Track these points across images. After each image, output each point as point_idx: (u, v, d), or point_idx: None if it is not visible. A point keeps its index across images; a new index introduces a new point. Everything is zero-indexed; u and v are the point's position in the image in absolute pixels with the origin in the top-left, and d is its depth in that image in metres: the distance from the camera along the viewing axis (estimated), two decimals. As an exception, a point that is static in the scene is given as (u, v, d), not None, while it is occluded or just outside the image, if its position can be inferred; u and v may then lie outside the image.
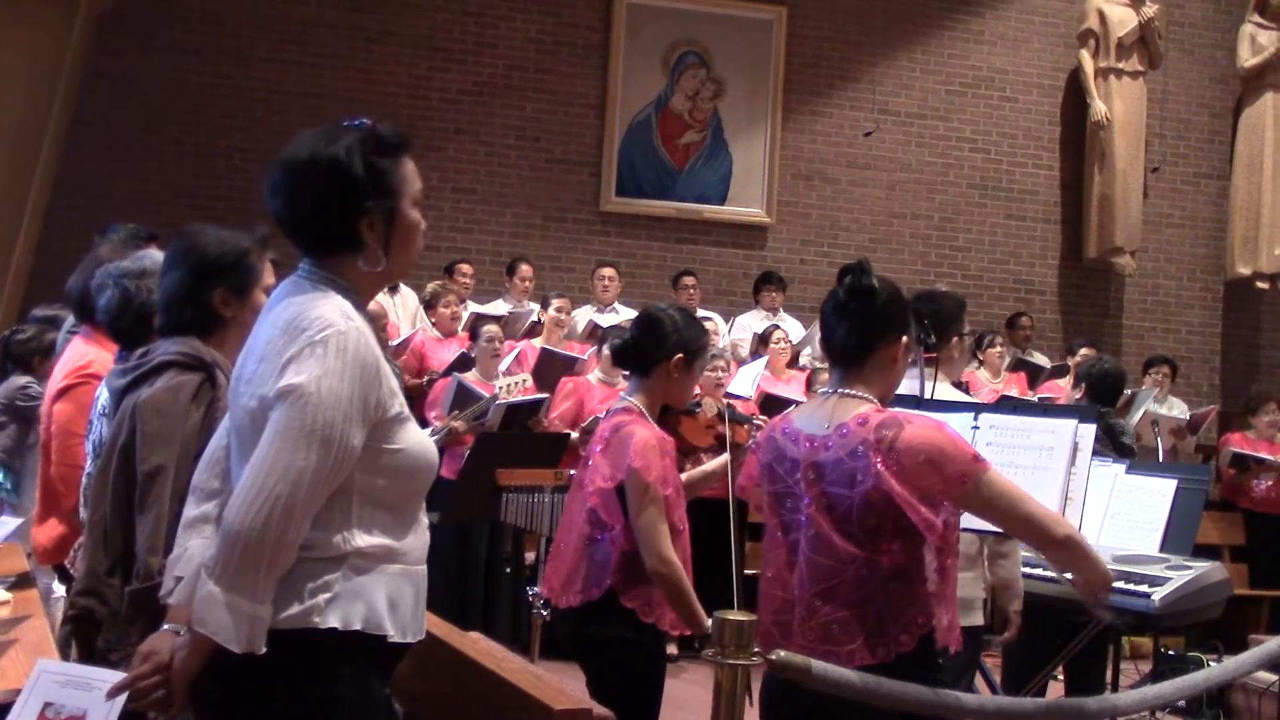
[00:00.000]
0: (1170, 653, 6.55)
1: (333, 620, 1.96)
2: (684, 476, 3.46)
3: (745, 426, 5.60)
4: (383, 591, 2.02)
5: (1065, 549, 2.53)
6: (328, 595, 1.97)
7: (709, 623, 3.05)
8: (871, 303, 2.62)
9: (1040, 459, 3.13)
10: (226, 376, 2.51)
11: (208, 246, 2.71)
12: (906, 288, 2.90)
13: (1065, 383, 8.29)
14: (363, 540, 2.01)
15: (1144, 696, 2.67)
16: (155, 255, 3.05)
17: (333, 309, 2.01)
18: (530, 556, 6.24)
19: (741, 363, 7.87)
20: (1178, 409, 8.75)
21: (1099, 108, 10.10)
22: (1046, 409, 3.47)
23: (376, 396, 2.01)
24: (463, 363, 6.73)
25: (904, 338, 2.67)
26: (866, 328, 2.63)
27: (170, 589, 2.15)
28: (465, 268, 8.53)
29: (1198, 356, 10.75)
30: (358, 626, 1.98)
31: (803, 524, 2.58)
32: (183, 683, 1.97)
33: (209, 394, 2.64)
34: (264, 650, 1.91)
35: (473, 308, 7.93)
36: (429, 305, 7.69)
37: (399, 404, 2.06)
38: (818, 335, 8.82)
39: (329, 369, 1.94)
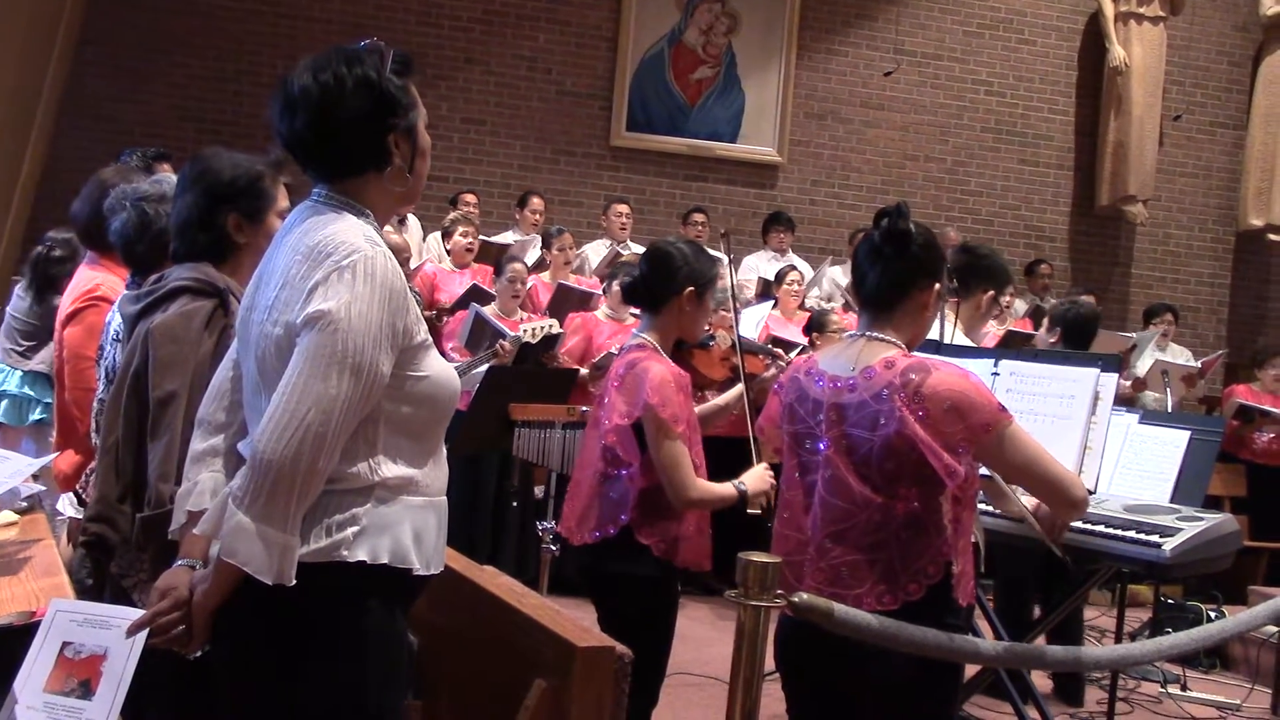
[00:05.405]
0: (1170, 601, 6.59)
1: (361, 553, 1.94)
2: (697, 410, 3.43)
3: (760, 355, 5.55)
4: (408, 524, 1.99)
5: (1077, 510, 2.57)
6: (355, 528, 1.94)
7: (736, 487, 3.21)
8: (907, 247, 2.58)
9: (1061, 407, 3.10)
10: (239, 302, 2.47)
11: (221, 170, 2.66)
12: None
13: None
14: (388, 470, 1.98)
15: (1159, 646, 2.67)
16: (173, 179, 2.98)
17: (356, 233, 1.97)
18: (538, 491, 6.24)
19: (746, 304, 7.79)
20: (1182, 357, 8.71)
21: (1117, 53, 9.95)
22: (1068, 357, 3.43)
23: (404, 322, 1.97)
24: (475, 295, 6.68)
25: (936, 285, 2.64)
26: (900, 272, 2.59)
27: (180, 524, 2.12)
28: (469, 197, 8.45)
29: (1205, 307, 10.70)
30: (385, 560, 1.96)
31: (820, 465, 2.57)
32: (204, 617, 1.96)
33: (222, 320, 2.61)
34: (293, 582, 1.88)
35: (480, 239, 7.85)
36: (445, 234, 7.62)
37: (423, 330, 2.04)
38: (825, 276, 8.75)
39: (358, 294, 1.90)
